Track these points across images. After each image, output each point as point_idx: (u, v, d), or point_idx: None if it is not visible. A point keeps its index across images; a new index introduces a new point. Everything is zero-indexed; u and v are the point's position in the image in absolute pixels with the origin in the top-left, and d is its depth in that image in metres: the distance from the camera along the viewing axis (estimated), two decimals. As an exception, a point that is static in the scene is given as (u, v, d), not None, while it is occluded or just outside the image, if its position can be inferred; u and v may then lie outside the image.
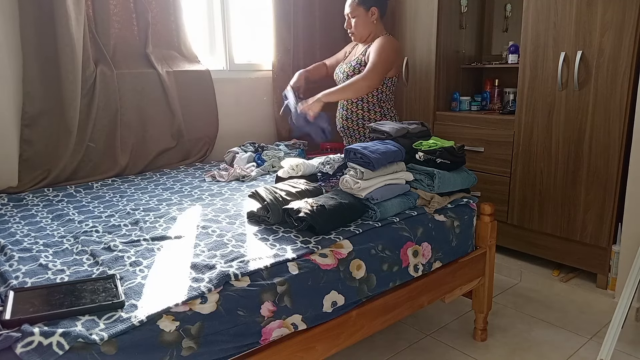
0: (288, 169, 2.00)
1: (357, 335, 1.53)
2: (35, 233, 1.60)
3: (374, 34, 2.50)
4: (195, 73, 2.69)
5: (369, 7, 2.45)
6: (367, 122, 2.48)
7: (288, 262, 1.38)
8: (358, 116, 2.51)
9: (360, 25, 2.49)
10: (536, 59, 2.48)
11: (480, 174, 2.79)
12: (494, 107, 3.02)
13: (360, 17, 2.47)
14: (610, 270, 2.35)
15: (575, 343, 2.07)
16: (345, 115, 2.56)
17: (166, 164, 2.59)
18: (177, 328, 1.12)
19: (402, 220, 1.71)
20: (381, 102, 2.50)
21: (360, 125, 2.52)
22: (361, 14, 2.47)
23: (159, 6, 2.55)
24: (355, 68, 2.46)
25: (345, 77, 2.50)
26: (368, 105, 2.49)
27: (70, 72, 2.17)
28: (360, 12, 2.47)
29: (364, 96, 2.46)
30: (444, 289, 1.84)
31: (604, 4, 2.19)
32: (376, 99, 2.47)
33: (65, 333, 0.99)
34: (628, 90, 2.17)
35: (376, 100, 2.47)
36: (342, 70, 2.54)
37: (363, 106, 2.49)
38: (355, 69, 2.46)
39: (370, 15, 2.47)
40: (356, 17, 2.48)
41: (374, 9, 2.46)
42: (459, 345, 2.07)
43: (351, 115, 2.53)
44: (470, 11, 3.09)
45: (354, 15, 2.49)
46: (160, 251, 1.45)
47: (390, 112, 2.54)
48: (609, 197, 2.30)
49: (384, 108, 2.50)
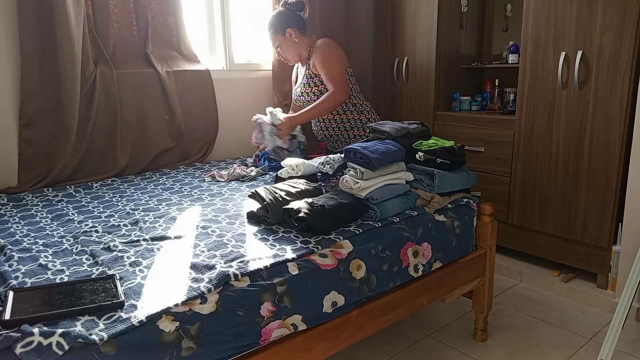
0: (288, 169, 2.00)
1: (357, 335, 1.52)
2: (35, 233, 1.60)
3: (305, 49, 2.57)
4: (195, 73, 2.69)
5: (284, 31, 2.53)
6: (347, 124, 2.55)
7: (288, 262, 1.38)
8: (337, 121, 2.57)
9: (287, 50, 2.57)
10: (536, 59, 2.48)
11: (480, 174, 2.79)
12: (494, 107, 3.02)
13: (283, 43, 2.56)
14: (610, 271, 2.35)
15: (575, 343, 2.07)
16: (323, 126, 2.63)
17: (166, 164, 2.59)
18: (176, 328, 1.12)
19: (402, 220, 1.71)
20: (352, 99, 2.55)
21: (342, 129, 2.58)
22: (282, 41, 2.56)
23: (159, 6, 2.55)
24: (307, 84, 2.56)
25: (302, 95, 2.59)
26: (342, 108, 2.53)
27: (70, 71, 2.17)
28: (280, 40, 2.56)
29: None
30: (444, 289, 1.84)
31: (604, 4, 2.19)
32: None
33: (64, 333, 0.99)
34: (628, 90, 2.17)
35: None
36: (298, 92, 2.64)
37: (337, 109, 2.56)
38: (308, 84, 2.56)
39: (289, 37, 2.54)
40: (280, 45, 2.57)
41: (290, 30, 2.53)
42: (459, 345, 2.07)
43: (330, 124, 2.59)
44: (470, 11, 3.08)
45: (277, 45, 2.58)
46: (160, 251, 1.44)
47: (364, 106, 2.62)
48: (609, 197, 2.30)
49: (357, 105, 2.56)
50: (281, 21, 2.54)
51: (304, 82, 2.59)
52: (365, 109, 2.59)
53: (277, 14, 2.57)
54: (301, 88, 2.62)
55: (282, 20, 2.54)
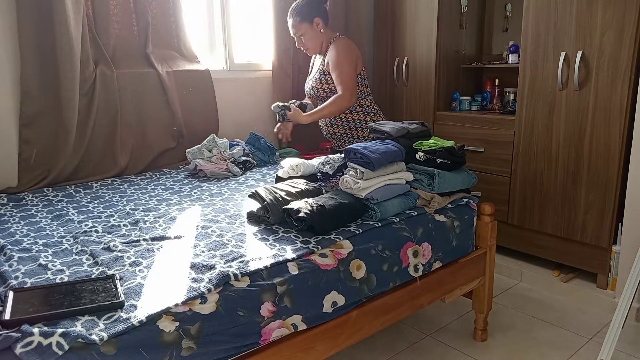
0: (288, 169, 2.00)
1: (357, 335, 1.52)
2: (35, 233, 1.60)
3: (326, 41, 2.57)
4: (195, 73, 2.69)
5: (312, 19, 2.50)
6: (352, 123, 2.55)
7: (288, 262, 1.38)
8: (342, 119, 2.57)
9: (311, 39, 2.55)
10: (536, 59, 2.48)
11: (480, 174, 2.79)
12: (494, 107, 3.02)
13: (308, 32, 2.53)
14: (610, 271, 2.35)
15: (575, 343, 2.06)
16: (328, 122, 2.64)
17: (166, 164, 2.59)
18: (176, 328, 1.12)
19: (402, 220, 1.71)
20: (360, 101, 2.54)
21: (346, 128, 2.58)
22: (308, 29, 2.53)
23: (159, 6, 2.54)
24: (320, 79, 2.55)
25: (312, 89, 2.59)
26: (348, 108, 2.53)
27: (69, 71, 2.17)
28: (305, 28, 2.53)
29: None
30: (444, 289, 1.84)
31: (604, 4, 2.19)
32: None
33: (64, 333, 0.99)
34: (628, 90, 2.17)
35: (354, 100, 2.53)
36: (310, 85, 2.64)
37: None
38: (320, 80, 2.55)
39: (315, 26, 2.52)
40: (304, 34, 2.54)
41: (317, 20, 2.52)
42: (459, 345, 2.06)
43: (335, 121, 2.59)
44: (470, 11, 3.08)
45: (300, 33, 2.55)
46: (160, 251, 1.44)
47: (372, 108, 2.60)
48: (609, 197, 2.30)
49: (364, 106, 2.56)
50: (310, 9, 2.50)
51: (316, 76, 2.59)
52: (372, 111, 2.59)
53: (305, 1, 2.52)
54: (313, 82, 2.61)
55: (311, 8, 2.50)
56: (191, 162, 2.41)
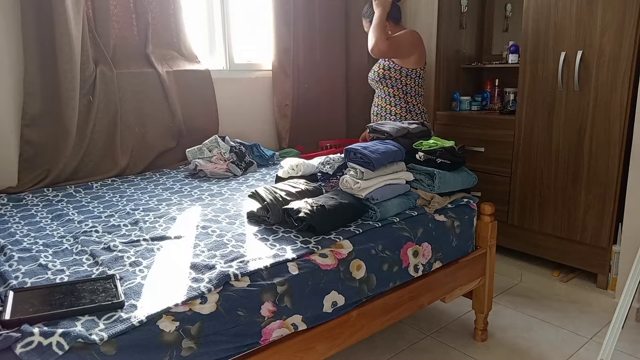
0: (288, 169, 2.00)
1: (357, 335, 1.52)
2: (35, 233, 1.60)
3: None
4: (195, 73, 2.69)
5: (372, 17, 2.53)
6: (392, 117, 2.54)
7: (288, 262, 1.38)
8: (385, 111, 2.58)
9: None
10: (536, 59, 2.48)
11: (480, 174, 2.79)
12: (494, 107, 3.02)
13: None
14: (610, 270, 2.35)
15: (575, 343, 2.07)
16: (375, 110, 2.66)
17: (166, 164, 2.59)
18: (176, 328, 1.12)
19: (402, 220, 1.71)
20: (407, 97, 2.54)
21: (387, 119, 2.57)
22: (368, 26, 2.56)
23: (159, 6, 2.55)
24: (382, 65, 2.54)
25: (375, 75, 2.58)
26: (395, 100, 2.55)
27: (69, 71, 2.17)
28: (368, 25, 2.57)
29: (390, 90, 2.53)
30: (444, 289, 1.84)
31: (604, 4, 2.19)
32: (402, 93, 2.52)
33: (65, 333, 0.99)
34: (628, 90, 2.17)
35: (402, 94, 2.52)
36: (373, 70, 2.61)
37: (390, 100, 2.56)
38: (382, 65, 2.54)
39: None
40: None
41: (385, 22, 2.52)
42: (459, 345, 2.06)
43: (380, 111, 2.62)
44: (470, 11, 3.09)
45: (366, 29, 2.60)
46: (160, 251, 1.44)
47: (415, 108, 2.57)
48: (609, 197, 2.30)
49: (409, 104, 2.54)
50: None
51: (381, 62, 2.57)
52: (415, 111, 2.56)
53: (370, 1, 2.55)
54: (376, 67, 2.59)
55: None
56: (191, 162, 2.41)
